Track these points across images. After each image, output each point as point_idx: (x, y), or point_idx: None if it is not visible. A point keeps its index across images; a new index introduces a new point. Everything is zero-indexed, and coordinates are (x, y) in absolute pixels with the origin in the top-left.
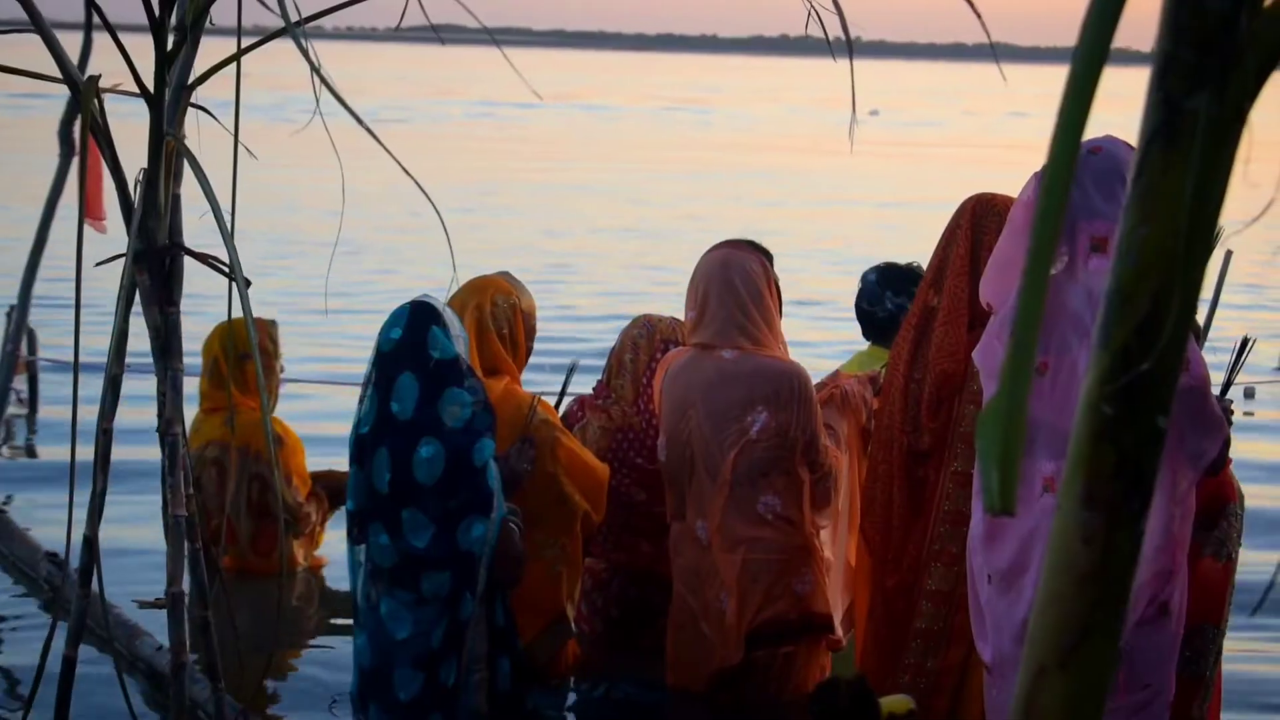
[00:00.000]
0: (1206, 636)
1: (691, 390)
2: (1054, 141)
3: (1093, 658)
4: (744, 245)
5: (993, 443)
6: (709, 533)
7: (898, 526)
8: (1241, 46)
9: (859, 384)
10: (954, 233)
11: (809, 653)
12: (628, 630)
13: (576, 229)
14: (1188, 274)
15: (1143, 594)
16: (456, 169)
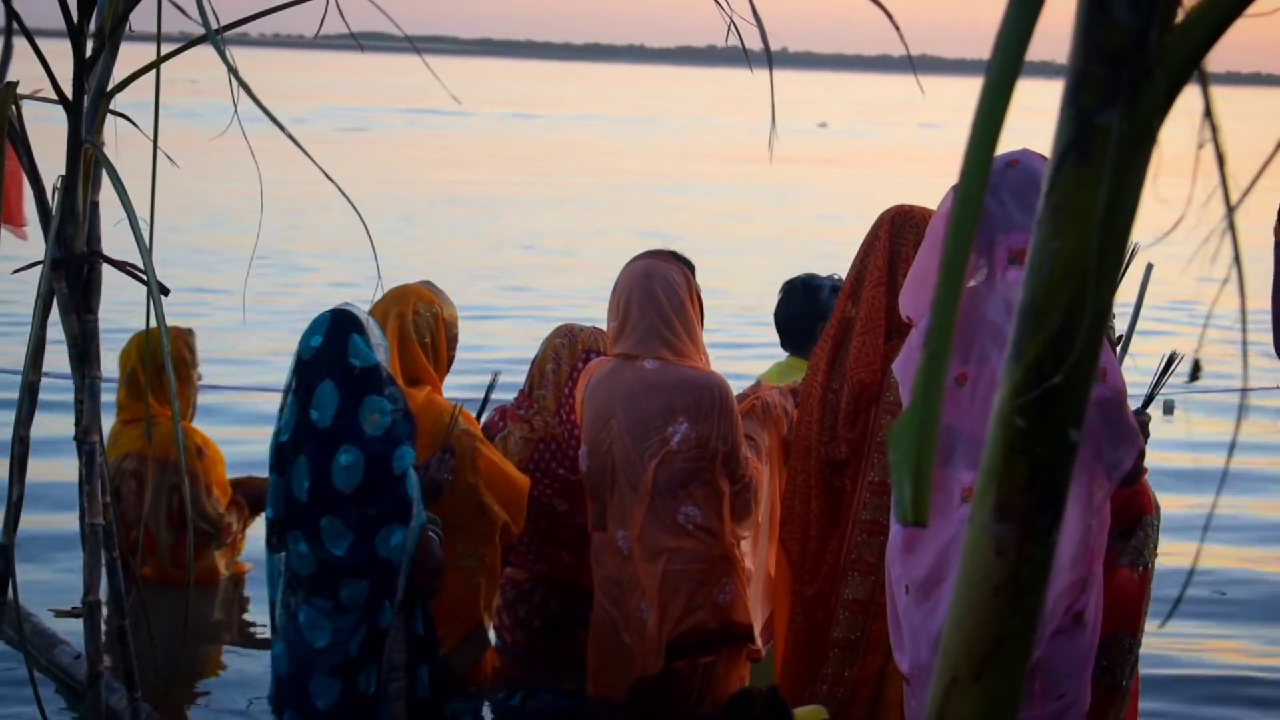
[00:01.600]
0: (1123, 646)
1: (613, 400)
2: (968, 154)
3: (1005, 668)
4: (666, 256)
5: (906, 454)
6: (630, 543)
7: (815, 536)
8: (1152, 63)
9: (780, 395)
10: (872, 244)
11: (729, 662)
12: (549, 640)
13: (501, 237)
14: (1099, 288)
15: (1059, 604)
16: (387, 176)
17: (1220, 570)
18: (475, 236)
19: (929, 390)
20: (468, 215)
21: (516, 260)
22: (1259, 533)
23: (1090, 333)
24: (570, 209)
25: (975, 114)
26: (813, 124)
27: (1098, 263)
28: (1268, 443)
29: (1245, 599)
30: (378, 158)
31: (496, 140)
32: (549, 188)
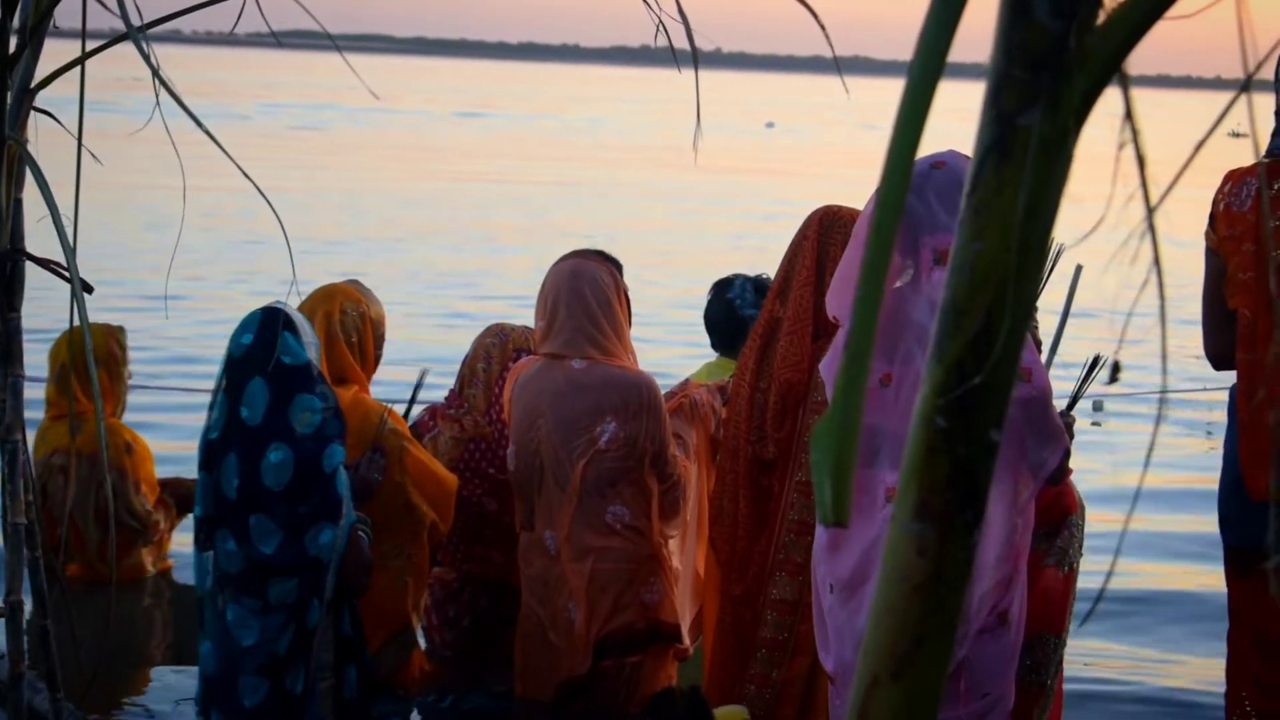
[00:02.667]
0: (1048, 646)
1: (540, 400)
2: (889, 155)
3: (926, 668)
4: (594, 255)
5: (826, 455)
6: (558, 542)
7: (743, 536)
8: (1073, 65)
9: (708, 394)
10: (800, 244)
11: (656, 662)
12: (478, 640)
13: (433, 235)
14: (1020, 289)
15: (984, 603)
16: (329, 173)
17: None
18: (406, 235)
19: (849, 391)
20: (402, 213)
21: (449, 258)
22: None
23: (1011, 333)
24: (502, 207)
25: (897, 115)
26: (760, 124)
27: (1019, 263)
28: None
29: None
30: (323, 155)
31: (430, 139)
32: (482, 186)
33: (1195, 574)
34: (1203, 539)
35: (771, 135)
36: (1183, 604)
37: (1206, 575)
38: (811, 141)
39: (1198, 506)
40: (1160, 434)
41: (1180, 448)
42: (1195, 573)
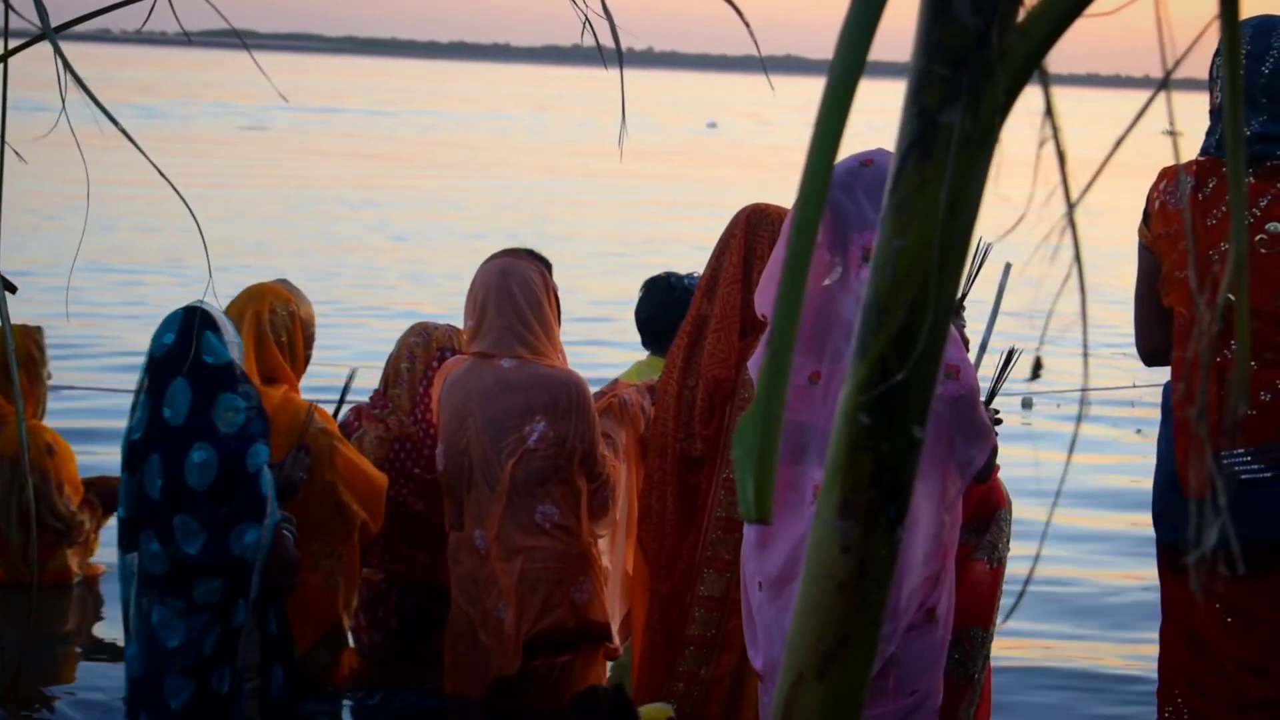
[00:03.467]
0: (975, 639)
1: (470, 399)
2: (810, 153)
3: (850, 665)
4: (523, 254)
5: (748, 451)
6: (487, 542)
7: (671, 533)
8: (993, 63)
9: (637, 393)
10: (728, 242)
11: (586, 661)
12: (406, 640)
13: (362, 234)
14: (942, 286)
15: (912, 600)
16: (244, 175)
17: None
18: (335, 234)
19: (772, 388)
20: (332, 212)
21: (378, 257)
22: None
23: (934, 330)
24: (433, 206)
25: (818, 113)
26: (702, 123)
27: (940, 260)
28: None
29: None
30: (263, 155)
31: (364, 138)
32: (414, 185)
33: (1124, 571)
34: (1131, 536)
35: (713, 135)
36: (1108, 599)
37: (1133, 572)
38: (754, 140)
39: (1128, 504)
40: (1094, 431)
41: (1114, 444)
42: (1123, 570)
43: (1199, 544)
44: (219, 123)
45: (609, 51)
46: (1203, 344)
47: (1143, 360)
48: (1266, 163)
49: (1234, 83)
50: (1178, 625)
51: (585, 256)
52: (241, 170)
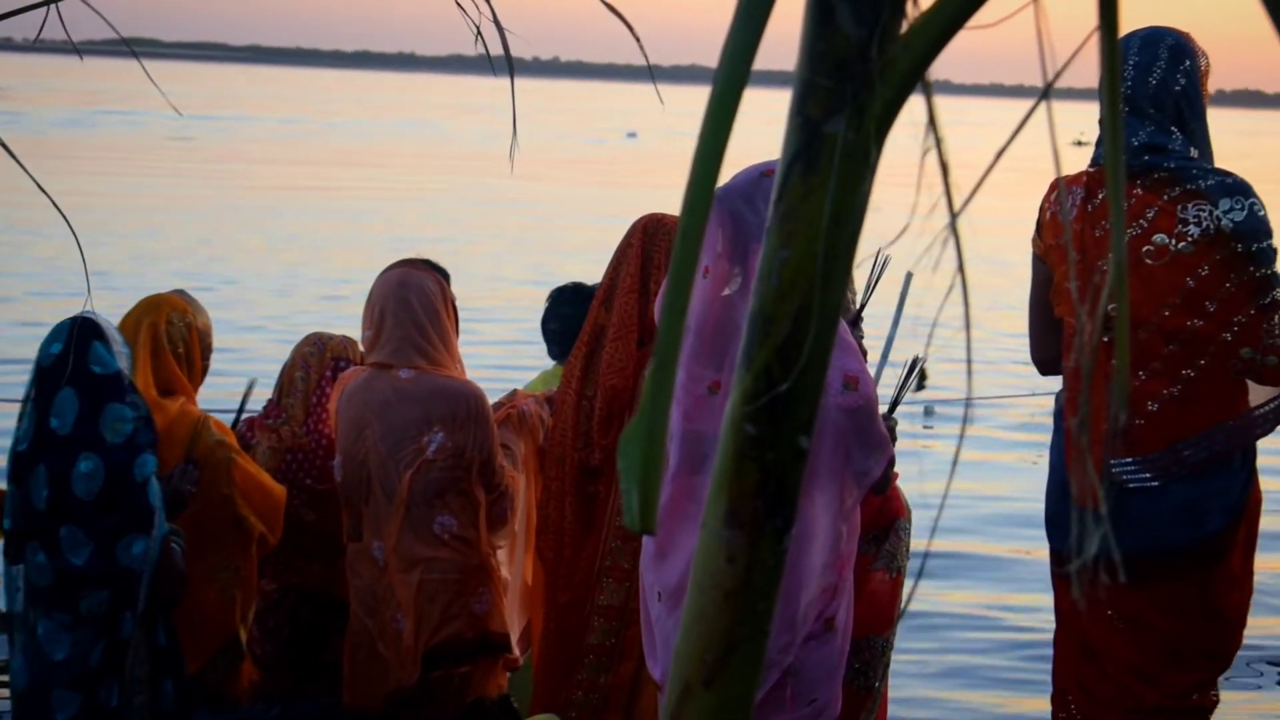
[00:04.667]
0: (875, 648)
1: (368, 410)
2: (694, 163)
3: (737, 674)
4: (421, 264)
5: (633, 462)
6: (385, 553)
7: (570, 543)
8: (876, 73)
9: (536, 403)
10: (625, 251)
11: (486, 672)
12: (300, 651)
13: (263, 243)
14: (826, 296)
15: (810, 610)
16: (142, 185)
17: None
18: (238, 242)
19: (657, 398)
20: (236, 220)
21: (278, 266)
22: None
23: (818, 340)
24: (335, 215)
25: (702, 123)
26: (622, 133)
27: (825, 270)
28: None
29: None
30: (170, 165)
31: (268, 146)
32: (317, 193)
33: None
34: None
35: (633, 145)
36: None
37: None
38: (671, 150)
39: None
40: (993, 439)
41: (1013, 452)
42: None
43: (1081, 552)
44: (126, 132)
45: (499, 60)
46: (1085, 354)
47: (1037, 369)
48: (1154, 174)
49: (1113, 95)
50: (1070, 632)
51: (497, 266)
52: (145, 181)
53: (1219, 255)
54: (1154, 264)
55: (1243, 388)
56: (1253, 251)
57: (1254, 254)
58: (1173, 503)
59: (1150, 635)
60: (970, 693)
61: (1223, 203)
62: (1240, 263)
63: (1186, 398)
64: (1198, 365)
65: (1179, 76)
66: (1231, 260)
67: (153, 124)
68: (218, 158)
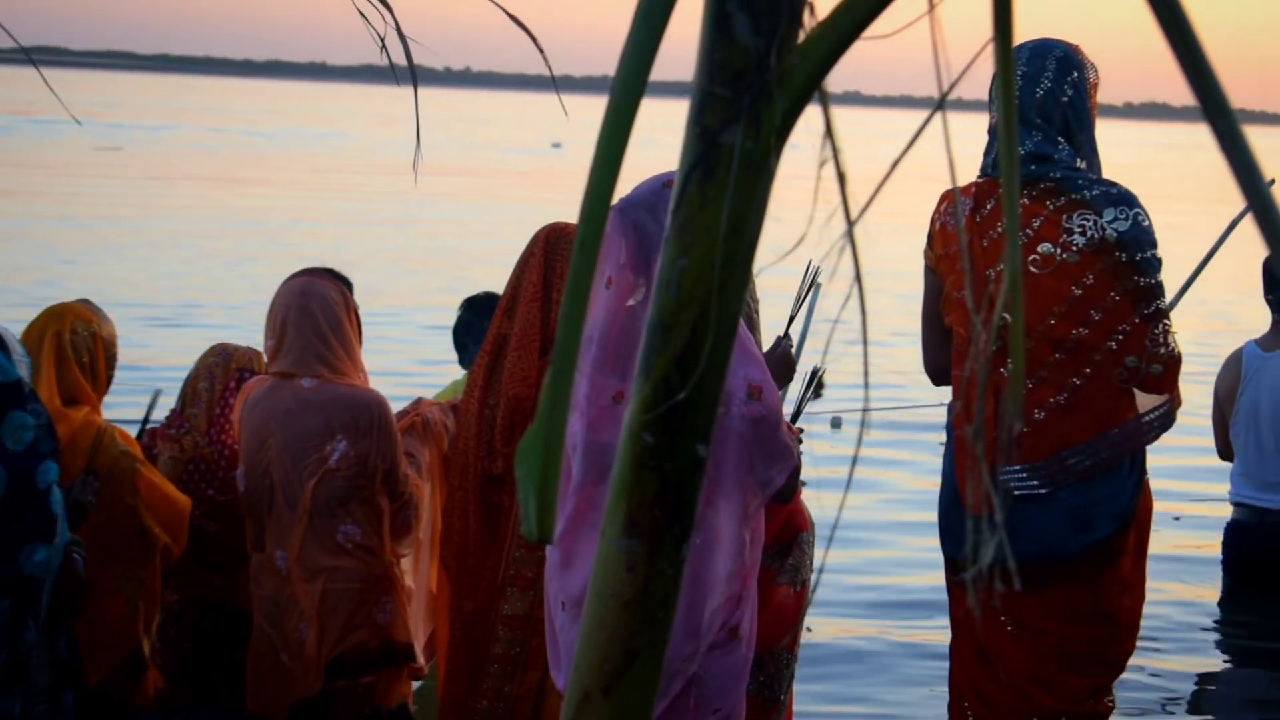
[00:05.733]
0: (780, 662)
1: (271, 419)
2: (592, 173)
3: (636, 683)
4: (323, 273)
5: (531, 471)
6: (288, 563)
7: (474, 552)
8: (774, 83)
9: (441, 412)
10: (528, 260)
11: (390, 681)
12: (201, 662)
13: (168, 253)
14: (724, 305)
15: (715, 619)
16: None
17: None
18: (140, 253)
19: (554, 407)
20: (138, 231)
21: (185, 277)
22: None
23: (716, 348)
24: (240, 225)
25: (599, 133)
26: (547, 144)
27: (722, 279)
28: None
29: None
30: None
31: (174, 156)
32: (223, 204)
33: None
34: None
35: (558, 156)
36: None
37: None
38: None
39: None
40: (898, 449)
41: (916, 463)
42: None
43: (975, 559)
44: (90, 141)
45: (403, 70)
46: (978, 363)
47: (929, 378)
48: (1040, 183)
49: (1008, 105)
50: (966, 639)
51: (409, 275)
52: (43, 190)
53: (1104, 264)
54: (1040, 273)
55: (1128, 395)
56: (1137, 261)
57: (1138, 263)
58: (1062, 509)
59: (1044, 640)
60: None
61: (1107, 212)
62: (1125, 272)
63: (1072, 406)
64: (1083, 373)
65: (1066, 88)
66: (1116, 270)
67: (66, 132)
68: (132, 167)
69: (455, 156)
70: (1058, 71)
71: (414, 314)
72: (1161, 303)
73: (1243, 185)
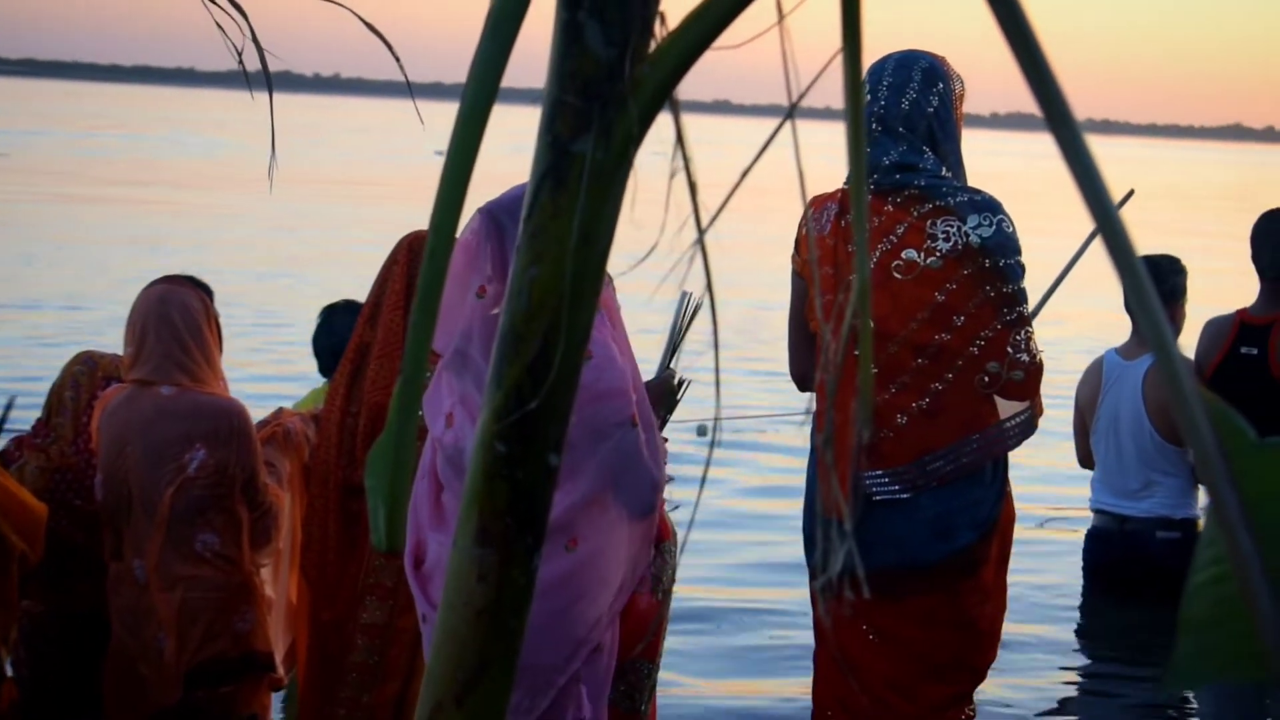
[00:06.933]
0: (641, 672)
1: (129, 427)
2: (442, 182)
3: (489, 694)
4: (183, 281)
5: (380, 480)
6: (147, 572)
7: (333, 561)
8: (625, 93)
9: (302, 421)
10: (390, 269)
11: (250, 691)
12: (67, 673)
13: (20, 260)
14: (575, 314)
15: (597, 631)
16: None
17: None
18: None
19: (403, 416)
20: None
21: (36, 285)
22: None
23: (567, 357)
24: (100, 229)
25: (449, 143)
26: (430, 151)
27: (573, 289)
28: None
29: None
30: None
31: (35, 161)
32: (88, 207)
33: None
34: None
35: (440, 162)
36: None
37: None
38: (486, 167)
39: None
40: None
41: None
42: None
43: (827, 567)
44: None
45: (257, 76)
46: (829, 370)
47: (796, 385)
48: (905, 191)
49: (856, 115)
50: (828, 648)
51: (275, 282)
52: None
53: (967, 271)
54: (904, 279)
55: (991, 401)
56: (1000, 267)
57: (1001, 270)
58: (924, 517)
59: (905, 648)
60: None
61: (971, 219)
62: (988, 278)
63: (935, 411)
64: (946, 379)
65: (932, 98)
66: (979, 276)
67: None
68: (15, 172)
69: (331, 164)
70: (923, 82)
71: (278, 322)
72: (1024, 309)
73: (1085, 194)
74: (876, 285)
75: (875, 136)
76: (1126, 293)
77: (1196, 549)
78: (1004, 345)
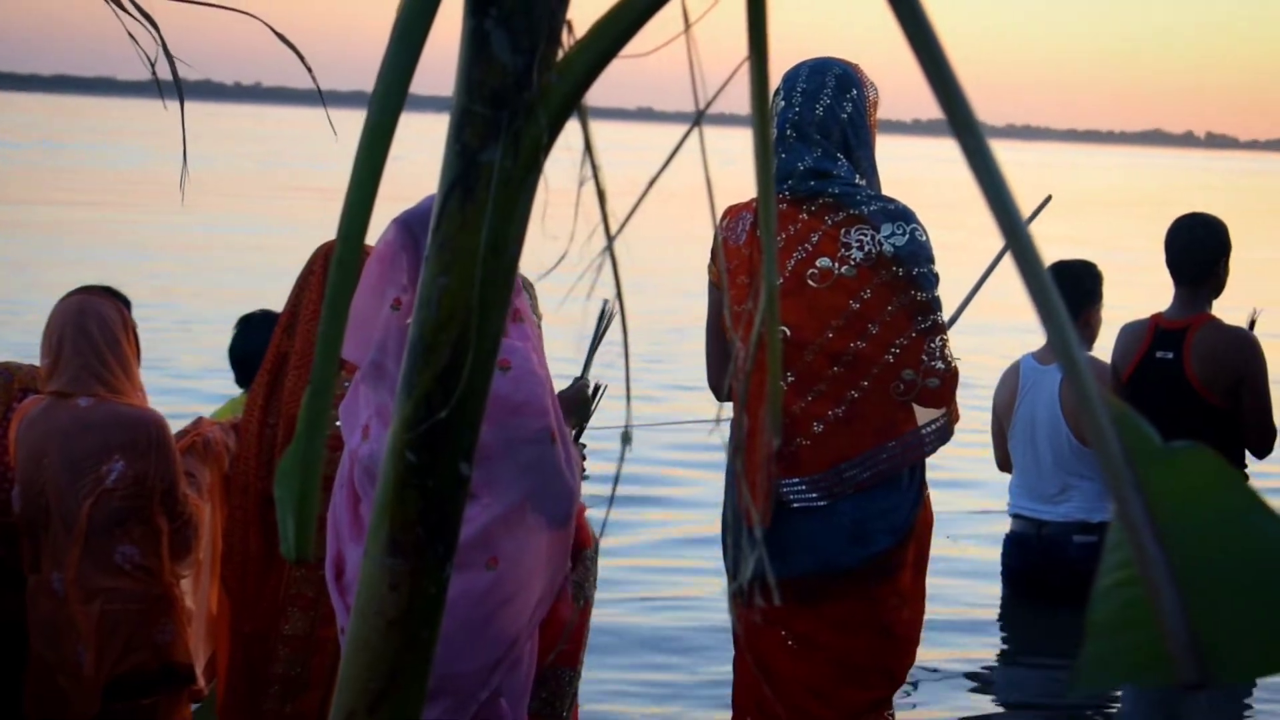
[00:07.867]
0: (563, 679)
1: (47, 439)
2: (350, 188)
3: (401, 703)
4: (100, 291)
5: (290, 490)
6: (65, 584)
7: (254, 572)
8: (534, 102)
9: (221, 431)
10: (307, 279)
11: (170, 703)
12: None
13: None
14: (485, 324)
15: (521, 643)
16: None
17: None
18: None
19: (312, 427)
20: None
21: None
22: None
23: (477, 367)
24: (16, 240)
25: (356, 151)
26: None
27: (482, 298)
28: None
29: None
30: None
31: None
32: (7, 219)
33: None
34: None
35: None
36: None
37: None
38: (408, 174)
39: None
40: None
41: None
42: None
43: (738, 574)
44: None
45: (169, 85)
46: (738, 378)
47: (714, 394)
48: (819, 199)
49: (763, 122)
50: (747, 654)
51: (190, 292)
52: None
53: (881, 279)
54: (818, 287)
55: (907, 408)
56: (914, 276)
57: (915, 278)
58: (841, 523)
59: (822, 654)
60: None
61: (885, 228)
62: (902, 286)
63: (851, 418)
64: (861, 386)
65: (845, 105)
66: (893, 284)
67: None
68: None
69: (249, 173)
70: (836, 89)
71: (197, 331)
72: (938, 317)
73: (990, 200)
74: (792, 293)
75: (790, 143)
76: (1032, 298)
77: (1103, 553)
78: (919, 353)
